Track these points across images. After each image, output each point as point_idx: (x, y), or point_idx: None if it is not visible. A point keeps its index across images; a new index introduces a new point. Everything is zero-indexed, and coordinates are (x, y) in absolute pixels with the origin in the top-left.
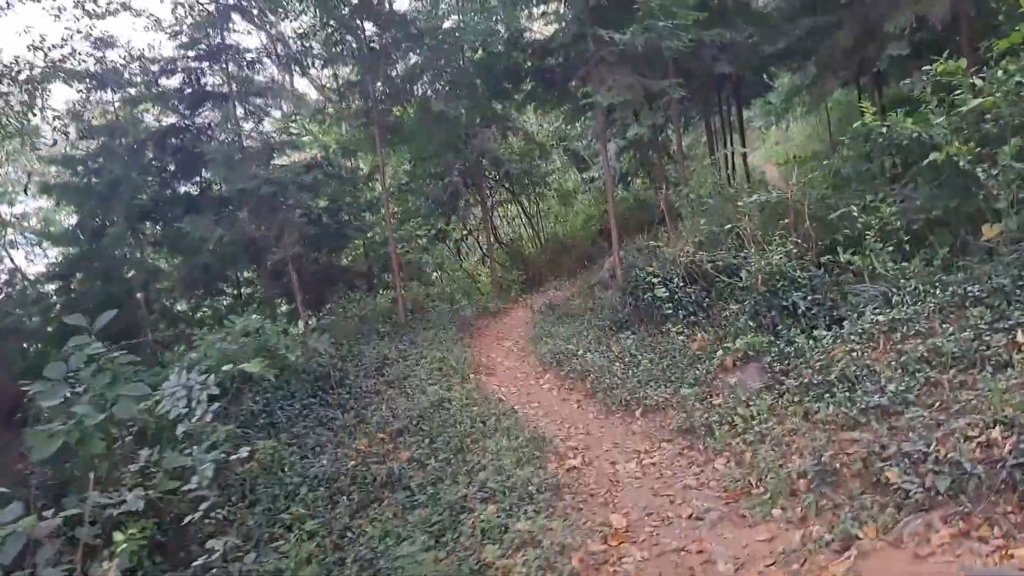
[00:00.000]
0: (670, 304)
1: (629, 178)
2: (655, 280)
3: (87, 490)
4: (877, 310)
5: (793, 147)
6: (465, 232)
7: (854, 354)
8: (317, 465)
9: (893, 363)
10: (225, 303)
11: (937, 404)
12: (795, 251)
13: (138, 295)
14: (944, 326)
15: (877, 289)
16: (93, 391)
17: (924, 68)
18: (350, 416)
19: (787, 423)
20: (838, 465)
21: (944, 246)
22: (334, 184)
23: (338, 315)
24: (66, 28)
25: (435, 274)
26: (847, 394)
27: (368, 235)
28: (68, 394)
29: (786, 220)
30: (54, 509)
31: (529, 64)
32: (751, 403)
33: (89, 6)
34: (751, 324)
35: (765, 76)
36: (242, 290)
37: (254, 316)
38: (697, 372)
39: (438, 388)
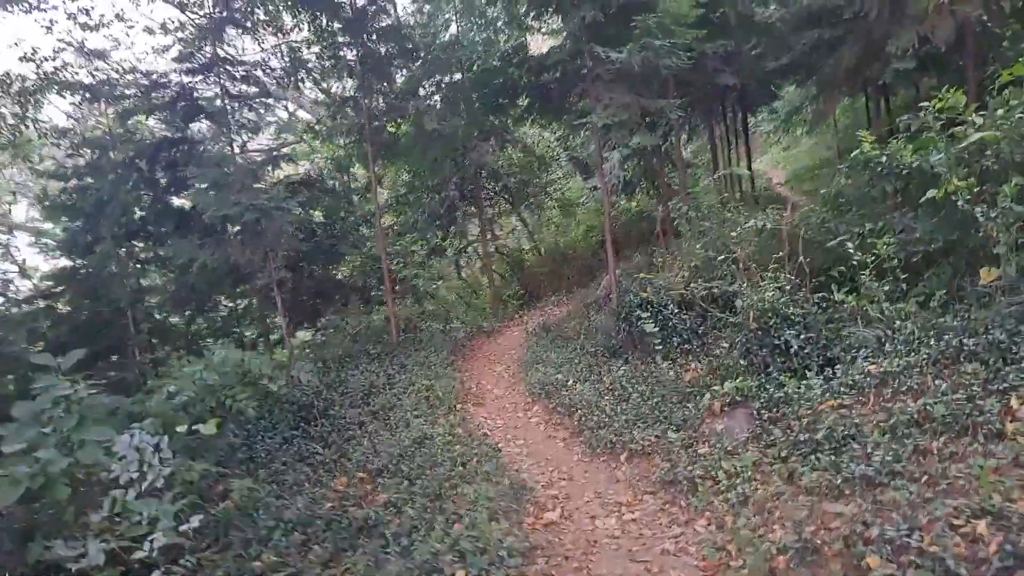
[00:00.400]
0: (659, 339)
1: (633, 188)
2: (645, 314)
3: (53, 536)
4: (869, 358)
5: (800, 153)
6: (463, 245)
7: (843, 411)
8: (293, 507)
9: (882, 424)
10: (222, 316)
11: (924, 478)
12: (788, 287)
13: (128, 312)
14: (937, 382)
15: (871, 332)
16: (60, 433)
17: (922, 105)
18: (332, 451)
19: (771, 485)
20: (819, 542)
21: (942, 286)
22: (328, 199)
23: (329, 334)
24: (58, 40)
25: (433, 286)
26: (832, 458)
27: (363, 250)
28: (35, 434)
29: (781, 252)
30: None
31: (525, 80)
32: (737, 454)
33: (82, 19)
34: (742, 363)
35: (772, 86)
36: (237, 303)
37: (229, 348)
38: (686, 412)
39: (422, 422)
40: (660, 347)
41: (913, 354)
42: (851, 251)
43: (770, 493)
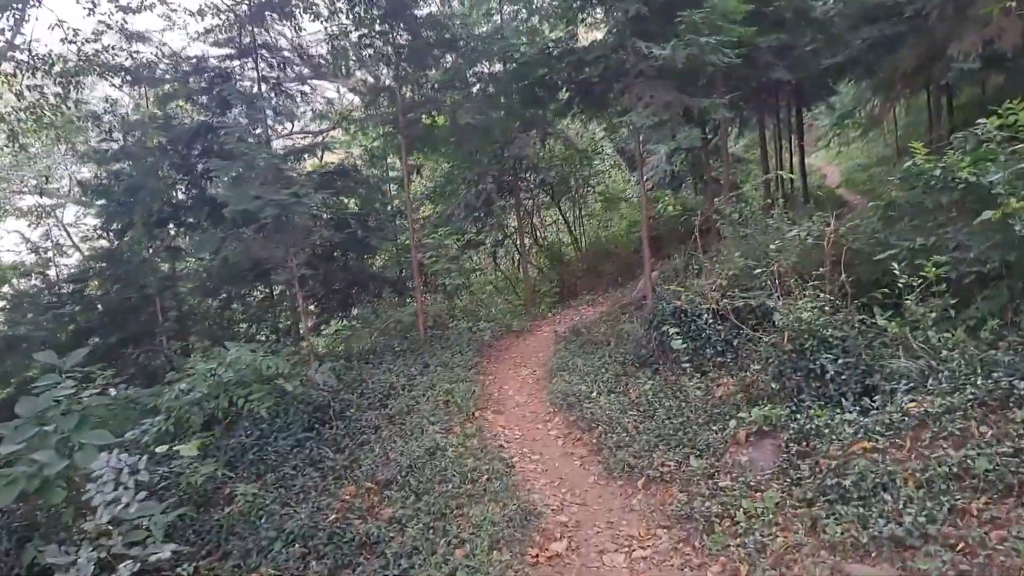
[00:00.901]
0: (688, 356)
1: (680, 182)
2: (674, 329)
3: (51, 538)
4: (910, 392)
5: (855, 150)
6: (501, 237)
7: (875, 455)
8: (296, 517)
9: (917, 474)
10: (257, 301)
11: (960, 545)
12: (828, 307)
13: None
14: (982, 429)
15: (914, 364)
16: (60, 434)
17: (979, 122)
18: (344, 456)
19: (792, 532)
20: None
21: (995, 312)
22: (363, 190)
23: (357, 329)
24: (99, 22)
25: (464, 281)
26: (860, 510)
27: (396, 241)
28: (36, 434)
29: (822, 268)
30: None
31: (566, 74)
32: (759, 491)
33: (123, 0)
34: (773, 385)
35: (828, 81)
36: (273, 289)
37: (243, 348)
38: (711, 435)
39: (437, 429)
40: (688, 363)
41: (958, 393)
42: (897, 271)
43: (790, 543)
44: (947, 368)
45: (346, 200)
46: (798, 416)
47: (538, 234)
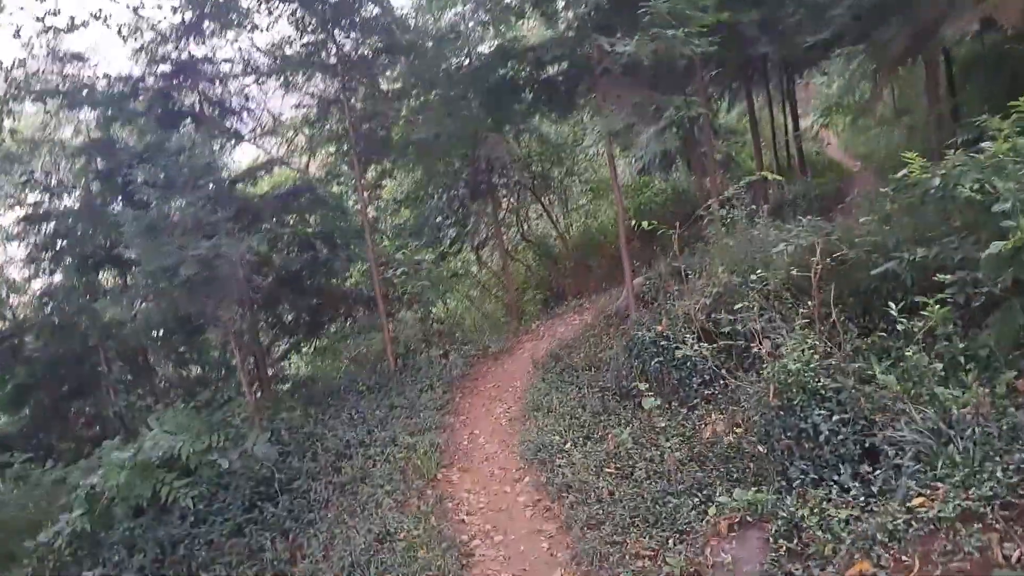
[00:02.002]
0: (657, 398)
1: (670, 164)
2: (644, 385)
3: None
4: (916, 477)
5: (852, 109)
6: (484, 237)
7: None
8: None
9: None
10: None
11: None
12: (817, 353)
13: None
14: (1005, 549)
15: (922, 438)
16: None
17: (978, 122)
18: (284, 547)
19: None
20: None
21: (1009, 338)
22: (322, 209)
23: (319, 367)
24: (25, 46)
25: (440, 295)
26: None
27: (359, 262)
28: None
29: (811, 303)
30: None
31: (525, 74)
32: None
33: (50, 20)
34: (760, 448)
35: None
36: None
37: (181, 412)
38: (692, 512)
39: (391, 503)
40: (657, 406)
41: (974, 487)
42: (896, 317)
43: None
44: (960, 436)
45: (304, 222)
46: (787, 501)
47: (524, 228)
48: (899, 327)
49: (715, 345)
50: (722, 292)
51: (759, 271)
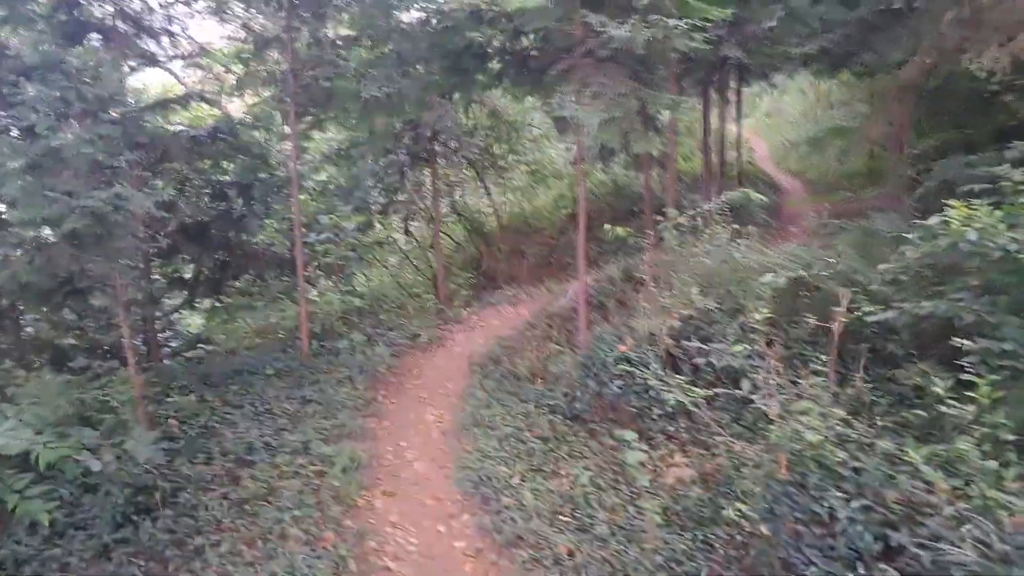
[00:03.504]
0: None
1: (610, 155)
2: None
3: None
4: None
5: (783, 124)
6: (415, 208)
7: None
8: None
9: None
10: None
11: None
12: (838, 423)
13: None
14: None
15: (965, 556)
16: None
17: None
18: None
19: None
20: None
21: None
22: (242, 157)
23: (222, 340)
24: None
25: (363, 267)
26: None
27: (280, 217)
28: None
29: (827, 356)
30: None
31: (498, 43)
32: None
33: None
34: (763, 530)
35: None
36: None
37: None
38: None
39: (302, 536)
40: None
41: None
42: (942, 392)
43: None
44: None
45: (219, 168)
46: None
47: (459, 201)
48: (943, 408)
49: (706, 391)
50: (693, 315)
51: (740, 299)
